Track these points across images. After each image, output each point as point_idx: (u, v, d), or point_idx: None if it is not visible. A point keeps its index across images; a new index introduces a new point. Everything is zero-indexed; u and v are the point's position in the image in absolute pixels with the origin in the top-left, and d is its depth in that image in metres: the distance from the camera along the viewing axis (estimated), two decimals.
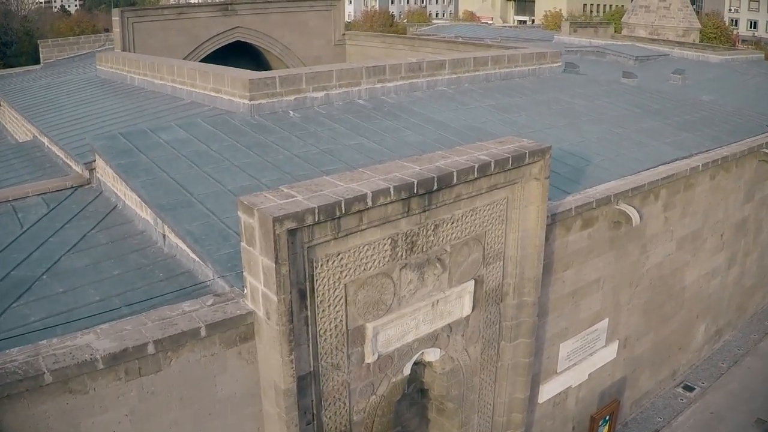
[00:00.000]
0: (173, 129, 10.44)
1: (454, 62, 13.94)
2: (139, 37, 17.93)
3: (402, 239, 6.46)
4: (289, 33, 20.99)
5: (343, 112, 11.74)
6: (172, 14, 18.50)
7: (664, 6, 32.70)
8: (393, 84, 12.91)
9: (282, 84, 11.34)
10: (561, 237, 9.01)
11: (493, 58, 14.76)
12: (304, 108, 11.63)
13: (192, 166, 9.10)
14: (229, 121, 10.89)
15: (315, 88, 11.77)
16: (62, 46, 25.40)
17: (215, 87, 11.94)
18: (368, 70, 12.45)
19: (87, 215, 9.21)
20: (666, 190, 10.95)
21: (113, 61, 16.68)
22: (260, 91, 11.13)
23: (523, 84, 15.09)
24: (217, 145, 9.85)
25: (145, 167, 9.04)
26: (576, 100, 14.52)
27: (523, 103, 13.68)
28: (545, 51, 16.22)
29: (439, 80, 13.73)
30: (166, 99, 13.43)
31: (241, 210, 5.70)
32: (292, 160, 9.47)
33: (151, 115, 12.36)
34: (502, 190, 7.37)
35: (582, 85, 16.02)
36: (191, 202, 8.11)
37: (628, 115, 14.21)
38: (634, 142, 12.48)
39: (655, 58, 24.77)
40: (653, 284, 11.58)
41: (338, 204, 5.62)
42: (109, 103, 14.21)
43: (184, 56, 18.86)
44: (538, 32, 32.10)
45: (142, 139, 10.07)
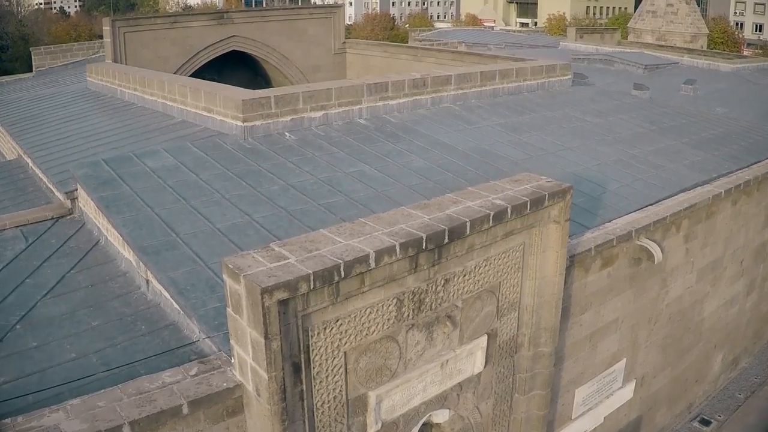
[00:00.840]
0: (160, 155, 9.73)
1: (460, 77, 13.23)
2: (131, 48, 17.22)
3: (408, 298, 5.76)
4: (287, 41, 20.26)
5: (343, 133, 11.03)
6: (166, 23, 17.76)
7: (671, 11, 31.97)
8: (396, 102, 12.21)
9: (277, 104, 10.64)
10: (579, 279, 8.31)
11: (501, 72, 14.06)
12: (301, 129, 10.92)
13: (179, 199, 8.39)
14: (220, 144, 10.19)
15: (313, 108, 11.06)
16: (55, 53, 24.76)
17: (207, 106, 11.24)
18: (369, 87, 11.75)
19: (67, 252, 8.50)
20: (688, 220, 10.25)
21: (103, 74, 15.99)
22: (254, 112, 10.42)
23: (533, 99, 14.37)
24: (207, 173, 9.14)
25: (128, 201, 8.33)
26: (588, 117, 13.82)
27: (533, 121, 12.97)
28: (555, 63, 15.51)
29: (445, 96, 13.03)
30: (156, 116, 12.74)
31: (226, 273, 5.00)
32: (287, 192, 8.76)
33: (139, 135, 11.68)
34: (519, 235, 6.67)
35: (593, 100, 15.31)
36: (176, 244, 7.40)
37: (642, 133, 13.50)
38: (651, 165, 11.77)
39: (665, 66, 24.07)
40: (672, 319, 10.89)
41: (336, 268, 4.91)
42: (97, 120, 13.52)
43: (177, 67, 18.16)
44: (543, 38, 31.33)
45: (127, 166, 9.37)
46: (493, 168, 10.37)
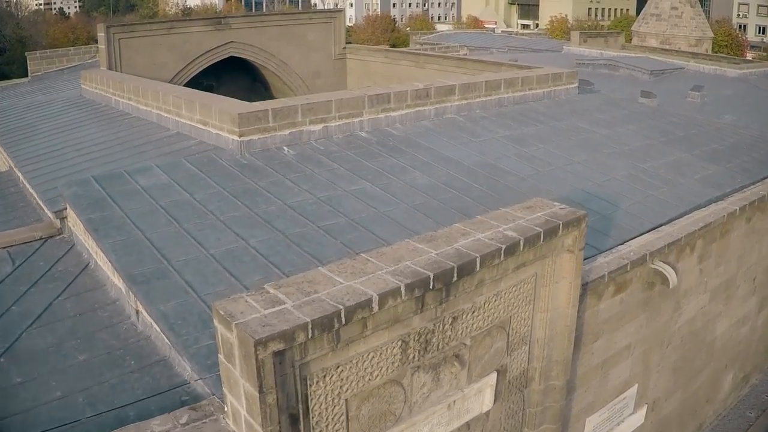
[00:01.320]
0: (153, 171, 9.34)
1: (465, 87, 12.84)
2: (126, 54, 16.81)
3: (414, 339, 5.36)
4: (286, 47, 19.85)
5: (344, 147, 10.64)
6: (162, 29, 17.35)
7: (676, 15, 31.55)
8: (398, 113, 11.81)
9: (275, 117, 10.24)
10: (592, 307, 7.92)
11: (506, 81, 13.66)
12: (300, 143, 10.53)
13: (171, 222, 8.00)
14: (215, 160, 9.80)
15: (312, 121, 10.67)
16: (51, 58, 24.38)
17: (202, 119, 10.85)
18: (371, 98, 11.36)
19: (55, 276, 8.10)
20: (702, 239, 9.86)
21: (98, 81, 15.59)
22: (251, 126, 10.03)
23: (539, 109, 13.98)
24: (201, 193, 8.75)
25: (117, 223, 7.94)
26: (596, 128, 13.42)
27: (540, 132, 12.58)
28: (561, 72, 15.11)
29: (449, 107, 12.63)
30: (150, 128, 12.35)
31: (217, 319, 4.61)
32: (285, 213, 8.37)
33: (132, 149, 11.29)
34: (531, 266, 6.28)
35: (600, 109, 14.91)
36: (167, 273, 7.00)
37: (652, 145, 13.10)
38: (662, 179, 11.38)
39: (671, 71, 23.68)
40: (684, 341, 10.50)
41: (337, 314, 4.52)
42: (91, 131, 13.12)
43: (174, 74, 17.76)
44: (546, 42, 30.91)
45: (118, 184, 8.98)
46: (499, 185, 9.98)
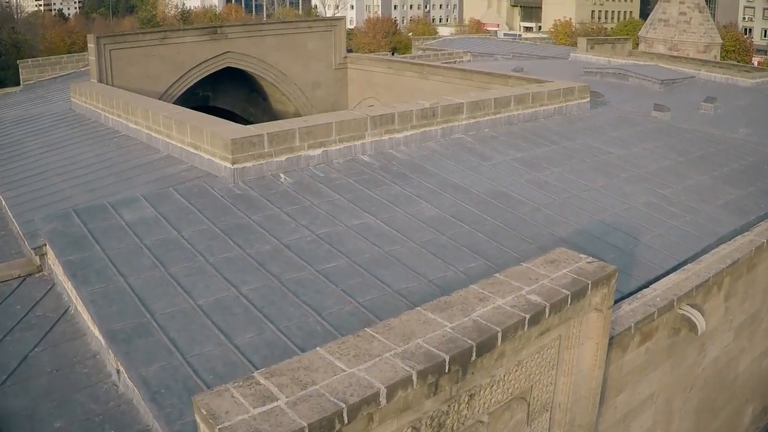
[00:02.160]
0: (139, 203, 8.65)
1: (473, 105, 12.14)
2: (117, 66, 16.11)
3: (426, 424, 4.67)
4: (285, 57, 19.15)
5: (345, 173, 9.95)
6: (155, 40, 16.64)
7: (684, 20, 30.84)
8: (403, 134, 11.12)
9: (272, 142, 9.55)
10: (616, 360, 7.22)
11: (516, 97, 12.96)
12: (297, 170, 9.84)
13: (156, 265, 7.30)
14: (207, 190, 9.10)
15: (311, 145, 9.98)
16: (43, 66, 23.78)
17: (193, 142, 10.17)
18: (374, 119, 10.67)
19: (32, 323, 7.38)
20: (730, 277, 9.16)
21: (87, 96, 14.91)
22: (245, 153, 9.34)
23: (550, 127, 13.28)
24: (190, 229, 8.05)
25: (98, 267, 7.25)
26: (610, 148, 12.73)
27: (553, 154, 11.88)
28: (572, 86, 14.42)
29: (456, 126, 11.94)
30: (140, 149, 11.67)
31: (199, 417, 3.92)
32: (281, 254, 7.67)
33: (119, 173, 10.60)
34: (555, 330, 5.58)
35: (614, 126, 14.22)
36: (150, 328, 6.31)
37: (670, 167, 12.41)
38: (683, 207, 10.68)
39: (681, 81, 22.99)
40: (707, 382, 9.81)
41: (338, 414, 3.83)
42: (78, 150, 12.43)
43: (168, 85, 17.07)
44: (551, 48, 30.17)
45: (101, 219, 8.29)
46: (512, 217, 9.28)
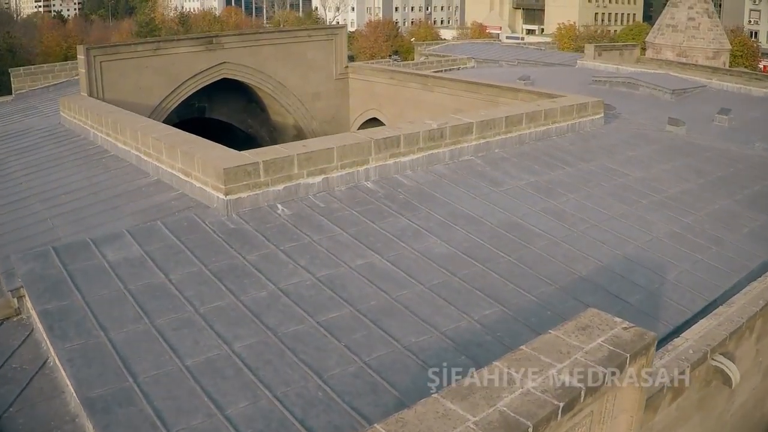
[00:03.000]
0: (124, 240, 7.96)
1: (483, 124, 11.44)
2: (108, 78, 15.41)
3: None
4: (283, 67, 18.43)
5: (347, 203, 9.25)
6: (147, 50, 15.91)
7: (692, 26, 30.14)
8: (409, 158, 10.42)
9: (268, 170, 8.86)
10: (647, 422, 6.52)
11: (528, 115, 12.26)
12: (296, 199, 9.14)
13: (141, 316, 6.60)
14: (198, 224, 8.40)
15: (310, 173, 9.28)
16: (35, 75, 23.08)
17: (184, 168, 9.48)
18: (378, 143, 9.97)
19: (8, 376, 6.61)
20: (762, 319, 8.45)
21: (76, 111, 14.22)
22: (239, 182, 8.64)
23: (564, 146, 12.58)
24: (179, 272, 7.35)
25: (78, 318, 6.56)
26: (628, 170, 12.02)
27: (568, 178, 11.18)
28: (586, 101, 13.73)
29: (465, 148, 11.24)
30: (128, 172, 10.98)
31: None
32: (277, 302, 6.97)
33: (106, 201, 9.93)
34: (587, 407, 4.88)
35: (629, 144, 13.52)
36: (133, 395, 5.60)
37: (691, 190, 11.71)
38: (708, 237, 9.98)
39: (692, 90, 22.28)
40: (734, 427, 9.12)
41: None
42: (64, 172, 11.75)
43: (162, 98, 16.36)
44: (557, 54, 29.43)
45: (82, 259, 7.60)
46: (529, 253, 8.58)
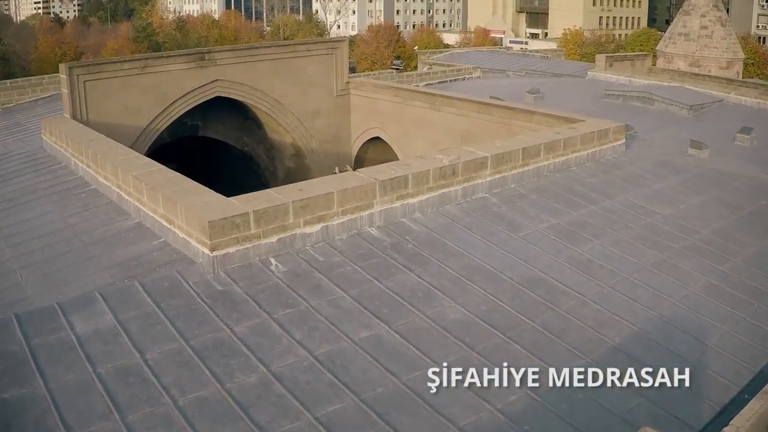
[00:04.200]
0: (96, 307, 7.00)
1: (498, 158, 10.45)
2: (92, 99, 14.40)
3: None
4: (281, 84, 17.42)
5: (349, 256, 8.25)
6: (135, 68, 14.90)
7: (705, 34, 29.15)
8: (417, 199, 9.42)
9: (259, 221, 7.86)
10: None
11: (546, 145, 11.27)
12: (292, 252, 8.14)
13: (110, 411, 5.63)
14: (180, 285, 7.42)
15: (308, 221, 8.29)
16: (23, 88, 22.18)
17: (166, 215, 8.49)
18: (383, 185, 8.97)
19: None
20: None
21: (57, 136, 13.24)
22: (226, 236, 7.65)
23: (584, 178, 11.58)
24: (157, 350, 6.37)
25: (39, 413, 5.61)
26: (655, 206, 11.01)
27: (592, 218, 10.18)
28: (607, 127, 12.72)
29: (479, 185, 10.24)
30: (108, 211, 10.01)
31: None
32: (269, 390, 5.98)
33: (82, 249, 8.96)
34: None
35: (654, 174, 12.51)
36: None
37: (724, 230, 10.70)
38: (749, 290, 8.96)
39: (710, 105, 21.33)
40: None
41: None
42: (39, 209, 10.78)
43: (150, 119, 15.36)
44: (566, 65, 28.41)
45: (48, 331, 6.66)
46: (554, 316, 7.59)
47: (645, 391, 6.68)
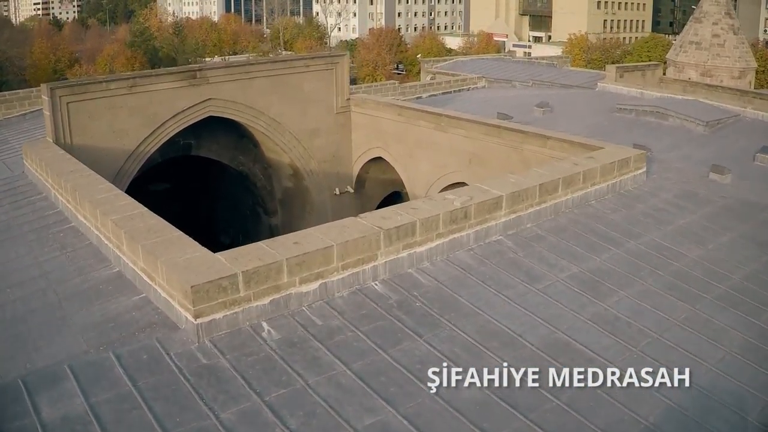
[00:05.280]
0: (65, 386, 6.19)
1: (514, 197, 9.60)
2: (77, 121, 13.52)
3: None
4: (278, 101, 16.53)
5: (351, 317, 7.40)
6: (122, 88, 13.99)
7: (717, 43, 28.27)
8: (426, 247, 8.57)
9: (249, 283, 7.01)
10: None
11: (564, 180, 10.42)
12: (287, 314, 7.30)
13: None
14: (161, 358, 6.58)
15: (304, 279, 7.44)
16: (10, 101, 21.31)
17: (147, 270, 7.64)
18: (389, 234, 8.12)
19: None
20: None
21: (37, 164, 12.41)
22: (212, 301, 6.80)
23: (606, 215, 10.73)
24: None
25: None
26: (683, 248, 10.14)
27: (616, 264, 9.31)
28: (628, 156, 11.88)
29: (493, 227, 9.39)
30: (87, 256, 9.20)
31: None
32: None
33: (54, 305, 8.14)
34: None
35: (678, 207, 11.65)
36: None
37: (757, 274, 9.81)
38: None
39: (726, 121, 20.44)
40: None
41: None
42: (13, 252, 9.98)
43: (139, 142, 14.49)
44: (575, 74, 27.42)
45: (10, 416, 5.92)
46: (583, 394, 6.71)
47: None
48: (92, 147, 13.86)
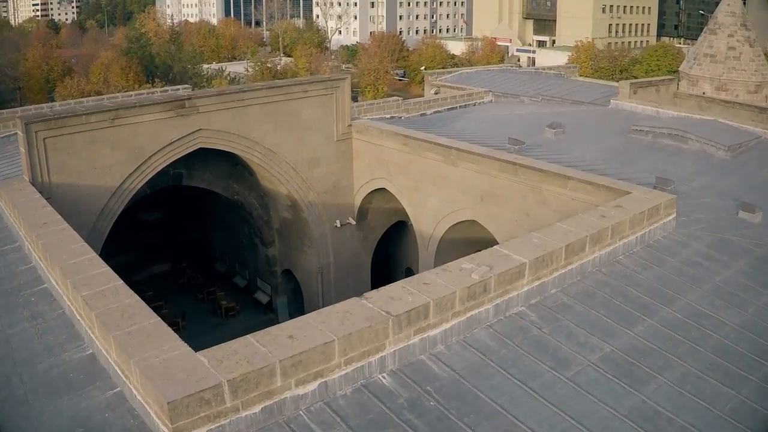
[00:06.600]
0: None
1: (537, 263, 8.55)
2: (55, 158, 12.44)
3: None
4: (274, 130, 15.42)
5: (356, 422, 6.38)
6: (103, 121, 12.82)
7: (733, 56, 27.19)
8: (440, 329, 7.53)
9: (236, 391, 5.98)
10: None
11: (592, 237, 9.38)
12: (281, 422, 6.29)
13: None
14: None
15: (301, 380, 6.40)
16: None
17: (122, 370, 6.61)
18: (398, 320, 7.08)
19: None
20: None
21: (11, 209, 11.39)
22: (193, 416, 5.78)
23: (635, 274, 9.69)
24: None
25: None
26: (721, 314, 9.12)
27: (652, 339, 8.27)
28: (658, 203, 10.84)
29: (514, 298, 8.35)
30: (58, 330, 8.25)
31: None
32: None
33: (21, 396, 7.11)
34: None
35: (712, 260, 10.63)
36: None
37: None
38: None
39: (747, 144, 19.38)
40: None
41: None
42: None
43: (123, 179, 13.42)
44: (586, 89, 26.15)
45: None
46: None
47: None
48: (72, 185, 12.83)
